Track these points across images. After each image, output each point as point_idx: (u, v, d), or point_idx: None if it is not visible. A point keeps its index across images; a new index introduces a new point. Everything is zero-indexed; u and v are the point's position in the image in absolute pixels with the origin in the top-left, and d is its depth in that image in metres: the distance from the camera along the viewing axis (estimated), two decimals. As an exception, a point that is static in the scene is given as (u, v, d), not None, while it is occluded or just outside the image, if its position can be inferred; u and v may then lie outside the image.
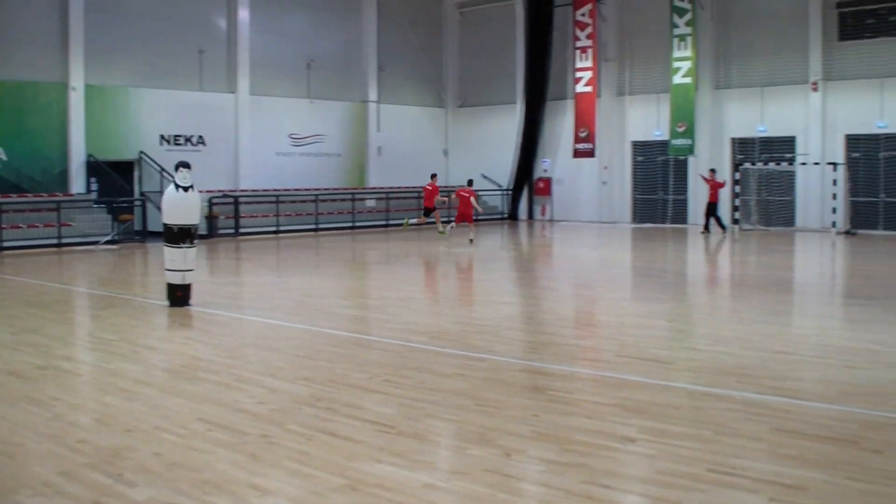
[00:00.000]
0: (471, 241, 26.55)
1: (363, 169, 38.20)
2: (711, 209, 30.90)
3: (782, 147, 32.70)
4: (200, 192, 15.47)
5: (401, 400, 8.40)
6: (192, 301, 14.46)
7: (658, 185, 36.27)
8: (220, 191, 31.12)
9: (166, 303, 14.48)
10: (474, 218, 27.57)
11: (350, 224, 33.74)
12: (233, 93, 33.59)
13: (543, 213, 38.94)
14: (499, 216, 38.92)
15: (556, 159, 38.59)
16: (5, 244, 25.38)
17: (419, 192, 36.45)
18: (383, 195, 35.91)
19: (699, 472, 6.32)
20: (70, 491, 6.03)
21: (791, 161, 32.02)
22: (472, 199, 27.17)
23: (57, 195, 28.21)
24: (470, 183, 29.06)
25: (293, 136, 35.72)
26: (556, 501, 5.82)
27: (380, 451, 6.84)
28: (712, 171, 31.40)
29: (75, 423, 7.82)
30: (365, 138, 38.15)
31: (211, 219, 29.25)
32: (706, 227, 30.86)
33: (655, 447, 6.90)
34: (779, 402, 8.27)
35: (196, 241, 14.45)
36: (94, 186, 29.90)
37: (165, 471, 6.39)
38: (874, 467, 6.43)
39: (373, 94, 38.13)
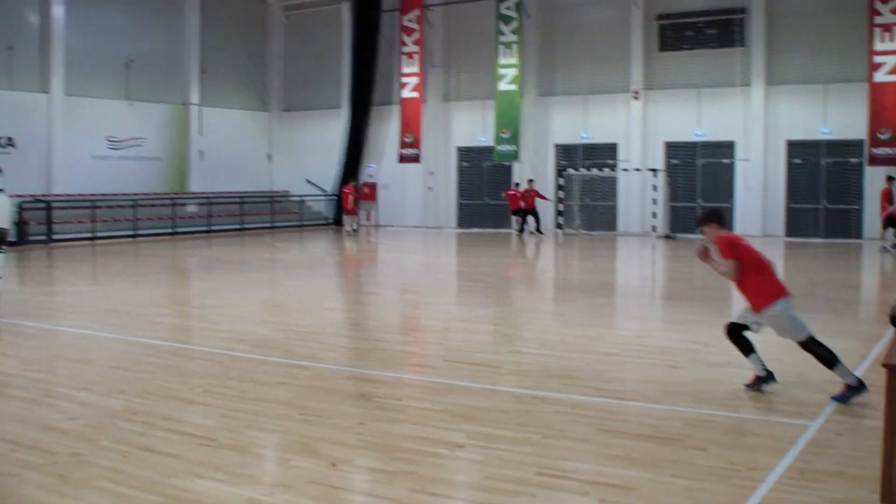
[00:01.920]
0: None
1: (184, 173, 37.17)
2: (522, 213, 32.41)
3: (605, 153, 33.62)
4: (10, 196, 14.64)
5: (222, 411, 8.09)
6: (-2, 311, 13.66)
7: (483, 190, 36.69)
8: (31, 195, 29.62)
9: (-30, 314, 13.63)
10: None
11: (170, 230, 32.73)
12: (46, 92, 32.11)
13: (369, 219, 38.80)
14: (323, 222, 38.57)
15: (382, 164, 38.53)
16: None
17: (242, 196, 35.84)
18: (205, 200, 35.01)
19: (528, 475, 6.29)
20: None
21: (613, 167, 32.95)
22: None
23: None
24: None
25: (111, 138, 34.42)
26: (383, 512, 5.69)
27: (200, 465, 6.54)
28: (531, 181, 32.27)
29: None
30: (186, 142, 37.14)
31: (21, 225, 27.81)
32: (521, 229, 32.22)
33: (484, 452, 6.85)
34: (604, 403, 8.38)
35: (5, 248, 13.64)
36: None
37: (-37, 495, 5.94)
38: (698, 464, 6.55)
39: (195, 97, 37.16)
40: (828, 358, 8.49)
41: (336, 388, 9.16)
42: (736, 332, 8.99)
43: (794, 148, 30.71)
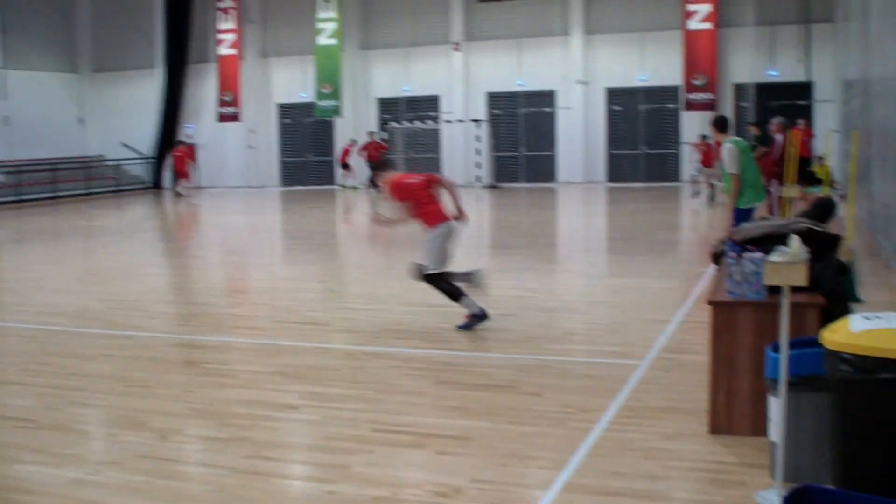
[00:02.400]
0: None
1: (-11, 141, 35.23)
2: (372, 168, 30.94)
3: (427, 106, 33.62)
4: None
5: (40, 390, 7.65)
6: None
7: (306, 147, 36.20)
8: None
9: None
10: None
11: (-24, 202, 30.96)
12: None
13: (189, 181, 37.72)
14: (141, 186, 37.27)
15: (201, 124, 37.44)
16: None
17: (54, 163, 34.21)
18: (13, 169, 33.26)
19: (365, 433, 6.19)
20: None
21: (436, 119, 32.99)
22: None
23: None
24: None
25: None
26: (219, 480, 5.50)
27: (18, 449, 6.16)
28: (373, 133, 31.60)
29: None
30: (-11, 108, 35.18)
31: None
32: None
33: (319, 412, 6.72)
34: (438, 355, 8.36)
35: None
36: None
37: None
38: (534, 409, 6.59)
39: (-6, 59, 35.20)
40: (453, 293, 9.10)
41: (162, 357, 8.82)
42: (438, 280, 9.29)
43: (614, 95, 31.47)
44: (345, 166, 33.07)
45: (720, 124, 11.04)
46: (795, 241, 5.23)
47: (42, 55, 37.48)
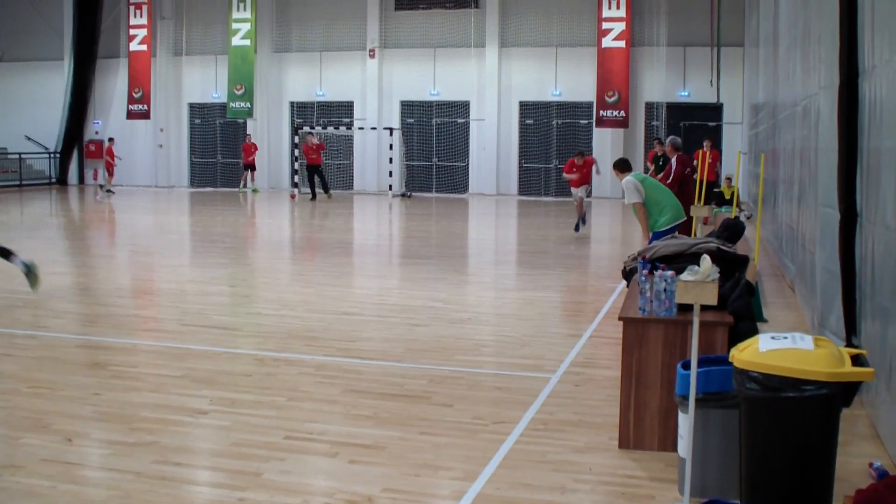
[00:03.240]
0: None
1: None
2: (311, 172, 29.82)
3: (341, 111, 33.52)
4: None
5: (-63, 388, 7.43)
6: None
7: (216, 148, 35.78)
8: None
9: None
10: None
11: None
12: None
13: (96, 178, 36.96)
14: (46, 181, 36.38)
15: (109, 121, 36.74)
16: None
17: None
18: None
19: (276, 440, 6.15)
20: None
21: (349, 126, 32.89)
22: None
23: None
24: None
25: None
26: (126, 486, 5.38)
27: (-88, 450, 5.97)
28: (311, 133, 30.62)
29: None
30: None
31: None
32: (314, 193, 29.64)
33: (229, 418, 6.64)
34: (349, 363, 8.33)
35: None
36: None
37: None
38: (446, 420, 6.62)
39: None
40: None
41: (67, 358, 8.63)
42: None
43: (527, 108, 31.79)
44: (249, 167, 32.74)
45: (621, 166, 11.30)
46: (706, 261, 5.36)
47: (-59, 41, 36.37)
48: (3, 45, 37.89)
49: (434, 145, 32.83)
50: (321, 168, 29.76)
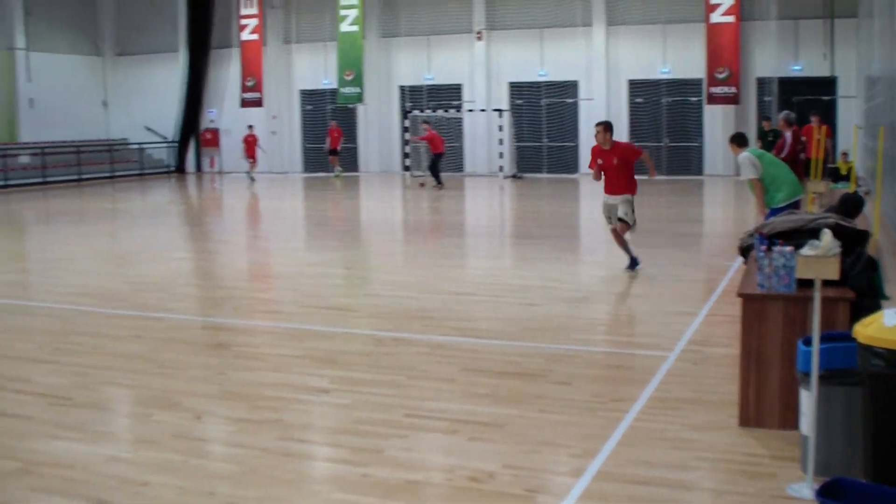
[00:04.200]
0: None
1: (14, 123, 35.38)
2: (435, 161, 28.77)
3: (449, 94, 33.59)
4: None
5: (74, 369, 7.75)
6: None
7: (328, 133, 36.25)
8: None
9: None
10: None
11: (2, 183, 31.17)
12: None
13: (212, 166, 37.88)
14: (165, 170, 37.42)
15: (224, 109, 37.56)
16: None
17: (78, 146, 34.40)
18: (38, 151, 33.45)
19: (397, 417, 6.26)
20: None
21: (458, 108, 32.97)
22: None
23: None
24: None
25: (-70, 87, 32.49)
26: (252, 461, 5.56)
27: (55, 426, 6.26)
28: (426, 122, 30.55)
29: None
30: (13, 89, 35.30)
31: None
32: (438, 181, 28.20)
33: (350, 396, 6.78)
34: (465, 342, 8.41)
35: None
36: None
37: None
38: (563, 398, 6.64)
39: (20, 41, 35.28)
40: None
41: (192, 339, 8.93)
42: None
43: (636, 87, 31.38)
44: (333, 152, 33.01)
45: (738, 140, 11.06)
46: (827, 235, 5.27)
47: (65, 38, 37.65)
48: (123, 40, 39.08)
49: (543, 126, 32.69)
50: (441, 157, 29.18)
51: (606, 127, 11.99)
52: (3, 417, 6.48)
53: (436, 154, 28.31)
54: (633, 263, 11.90)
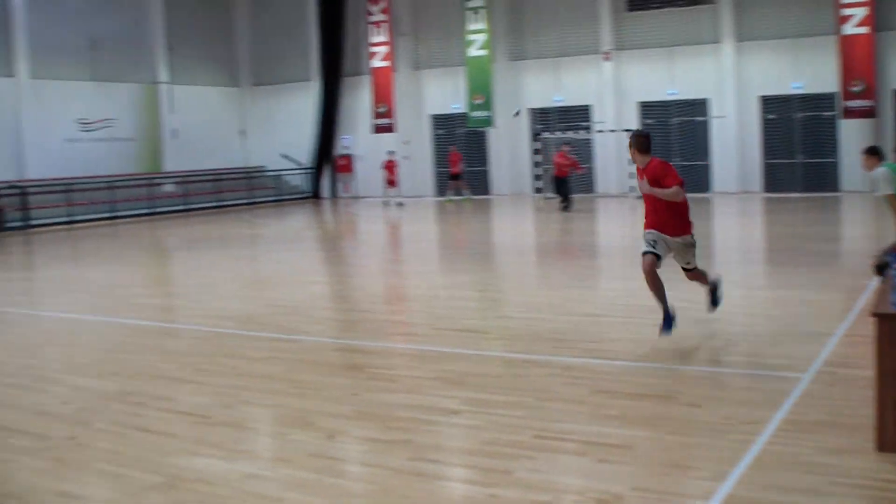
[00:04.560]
0: None
1: (158, 153, 36.85)
2: (560, 184, 28.60)
3: (579, 116, 33.54)
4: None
5: (214, 388, 8.07)
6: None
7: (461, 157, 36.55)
8: (4, 182, 29.30)
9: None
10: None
11: (147, 210, 32.47)
12: (11, 77, 31.74)
13: (347, 191, 38.64)
14: (301, 195, 38.35)
15: (357, 136, 38.32)
16: None
17: (217, 174, 35.60)
18: (181, 179, 34.74)
19: (526, 439, 6.31)
20: None
21: (588, 129, 32.89)
22: None
23: None
24: None
25: (81, 120, 34.09)
26: (384, 481, 5.70)
27: (196, 443, 6.53)
28: (567, 144, 30.47)
29: None
30: (158, 121, 36.80)
31: (-2, 212, 27.49)
32: (565, 202, 27.98)
33: (480, 418, 6.86)
34: (596, 364, 8.41)
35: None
36: None
37: (-40, 484, 5.89)
38: (694, 420, 6.59)
39: (163, 75, 36.79)
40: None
41: (326, 361, 9.16)
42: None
43: (768, 103, 30.75)
44: (455, 177, 33.14)
45: (873, 153, 10.71)
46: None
47: (205, 71, 39.12)
48: (259, 71, 40.32)
49: (674, 145, 32.30)
50: (568, 181, 29.02)
51: (633, 140, 9.25)
52: (148, 434, 6.80)
53: (558, 177, 28.25)
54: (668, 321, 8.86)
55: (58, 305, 13.67)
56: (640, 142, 9.18)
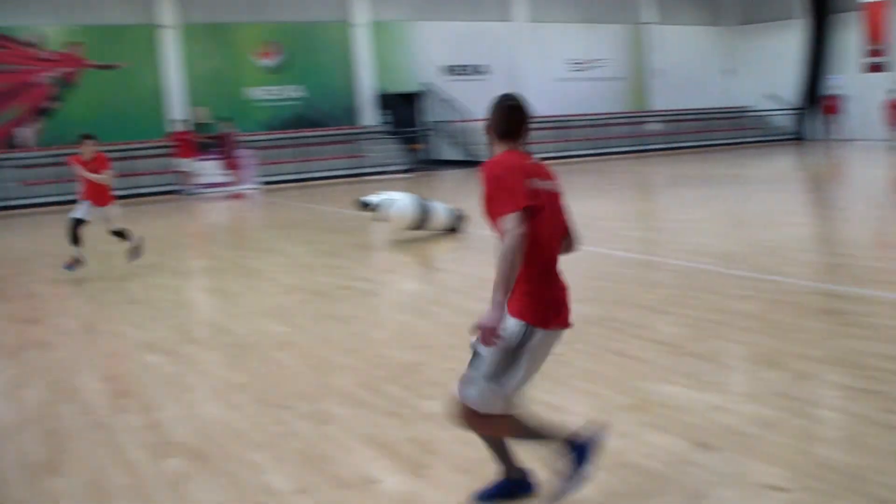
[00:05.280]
0: None
1: (643, 92, 37.50)
2: None
3: None
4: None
5: (689, 320, 8.30)
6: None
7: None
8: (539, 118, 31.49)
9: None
10: None
11: (634, 147, 33.25)
12: (509, 21, 33.82)
13: (836, 132, 36.70)
14: (787, 137, 37.12)
15: (846, 75, 36.18)
16: (306, 175, 27.00)
17: (702, 114, 35.47)
18: (668, 118, 35.12)
19: None
20: (369, 401, 6.43)
21: None
22: None
23: (350, 128, 29.66)
24: None
25: (573, 61, 35.54)
26: (851, 428, 5.58)
27: (667, 371, 6.81)
28: None
29: (373, 339, 8.30)
30: (642, 60, 37.40)
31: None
32: None
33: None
34: None
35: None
36: (384, 118, 31.27)
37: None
38: None
39: (649, 16, 37.23)
40: None
41: (802, 303, 9.03)
42: None
43: None
44: None
45: None
46: None
47: (689, 10, 39.00)
48: (743, 9, 39.42)
49: None
50: None
51: None
52: (623, 358, 7.22)
53: None
54: None
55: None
56: None
